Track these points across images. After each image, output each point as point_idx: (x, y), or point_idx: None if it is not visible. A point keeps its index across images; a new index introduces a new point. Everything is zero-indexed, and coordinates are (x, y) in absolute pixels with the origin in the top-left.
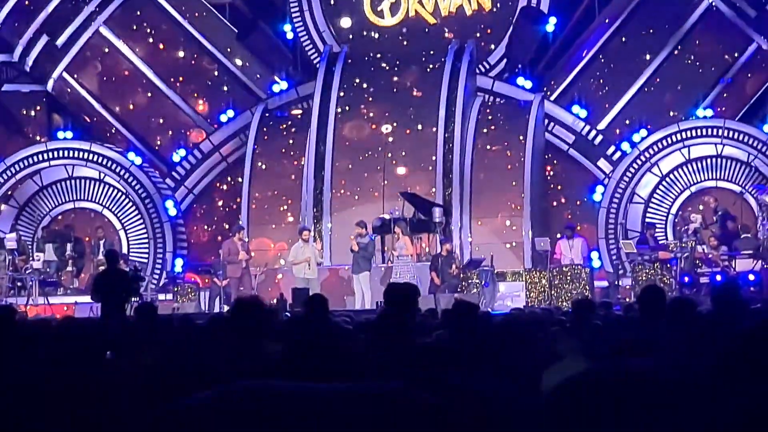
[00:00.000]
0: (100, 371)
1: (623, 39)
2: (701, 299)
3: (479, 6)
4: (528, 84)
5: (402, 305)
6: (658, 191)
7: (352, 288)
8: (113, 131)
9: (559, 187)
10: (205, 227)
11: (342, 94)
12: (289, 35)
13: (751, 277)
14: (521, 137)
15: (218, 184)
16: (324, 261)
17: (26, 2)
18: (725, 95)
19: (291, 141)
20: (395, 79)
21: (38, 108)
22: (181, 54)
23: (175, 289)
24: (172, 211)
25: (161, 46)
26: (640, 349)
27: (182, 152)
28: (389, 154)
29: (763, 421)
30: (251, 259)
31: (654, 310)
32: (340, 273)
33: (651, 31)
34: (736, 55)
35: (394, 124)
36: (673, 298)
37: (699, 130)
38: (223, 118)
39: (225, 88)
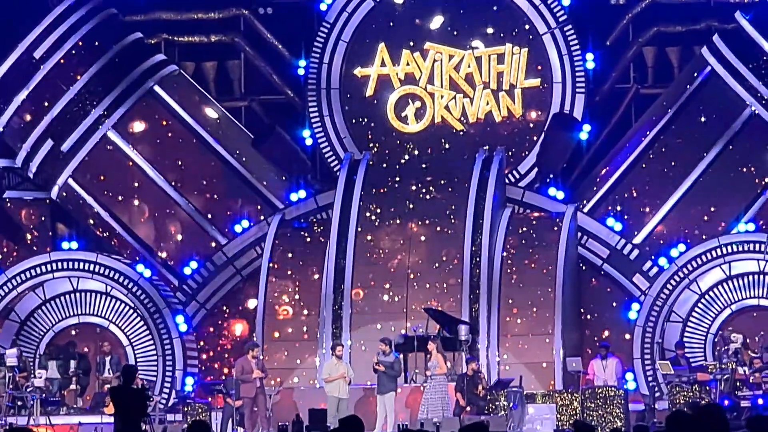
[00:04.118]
0: None
1: (661, 148)
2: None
3: (509, 112)
4: (560, 194)
5: None
6: (696, 309)
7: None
8: (121, 242)
9: (593, 304)
10: (218, 344)
11: (363, 203)
12: (308, 141)
13: None
14: (553, 251)
15: (231, 299)
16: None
17: (30, 105)
18: None
19: (309, 253)
20: (420, 188)
21: (42, 216)
22: (193, 160)
23: (186, 409)
24: (183, 327)
25: (172, 152)
26: None
27: (194, 265)
28: (413, 268)
29: None
30: (266, 377)
31: None
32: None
33: (690, 140)
34: None
35: (418, 236)
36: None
37: (740, 245)
38: (238, 228)
39: (239, 197)
